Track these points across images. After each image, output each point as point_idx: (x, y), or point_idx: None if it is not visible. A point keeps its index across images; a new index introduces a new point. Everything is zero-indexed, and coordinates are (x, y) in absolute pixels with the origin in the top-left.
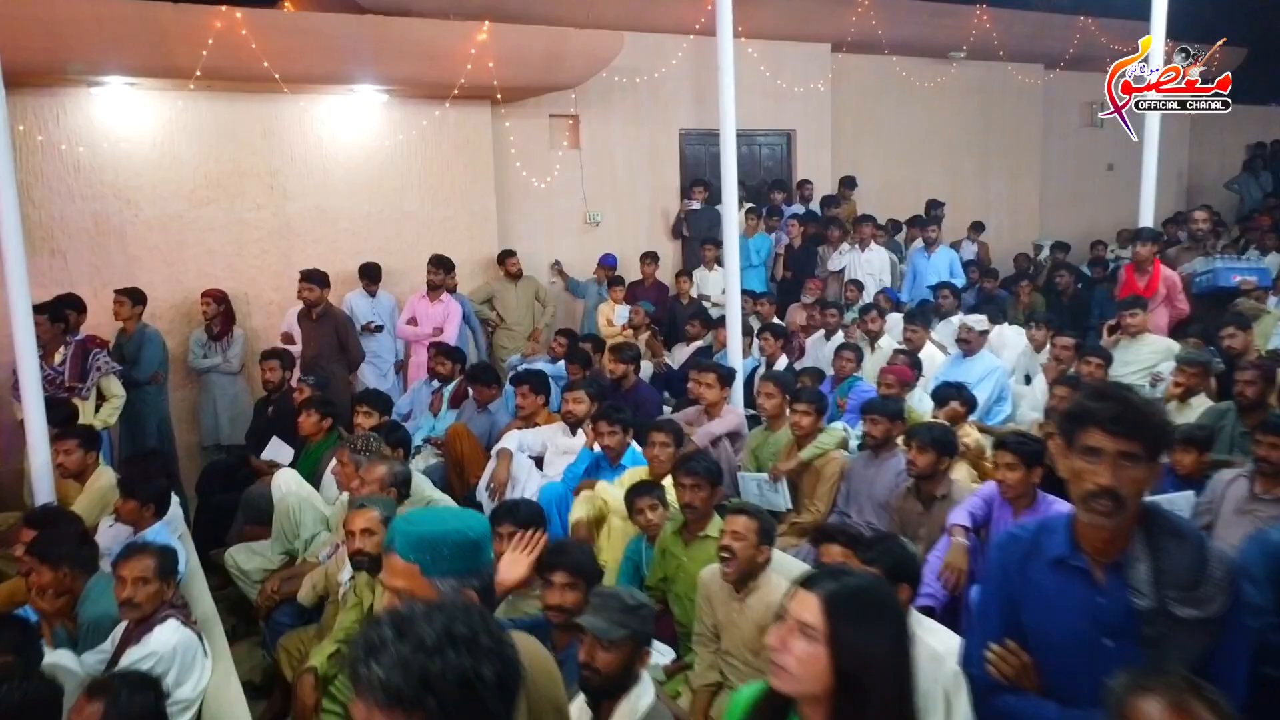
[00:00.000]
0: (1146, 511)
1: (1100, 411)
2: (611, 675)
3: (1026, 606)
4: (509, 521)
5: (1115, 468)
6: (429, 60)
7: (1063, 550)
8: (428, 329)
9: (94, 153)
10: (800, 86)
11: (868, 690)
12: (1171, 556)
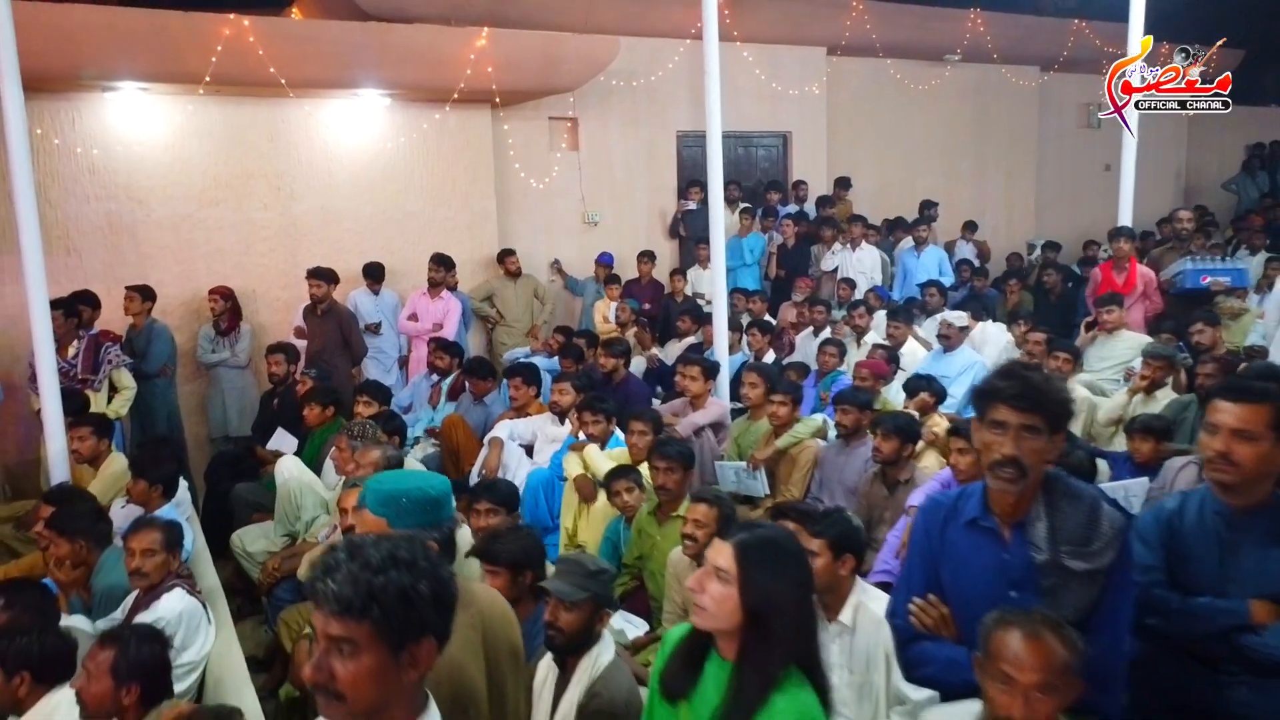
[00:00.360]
0: (1048, 478)
1: (1006, 389)
2: (573, 634)
3: (945, 564)
4: (487, 499)
5: (1018, 439)
6: (430, 65)
7: (976, 513)
8: (428, 325)
9: (108, 155)
10: (795, 89)
11: (772, 625)
12: (1067, 516)
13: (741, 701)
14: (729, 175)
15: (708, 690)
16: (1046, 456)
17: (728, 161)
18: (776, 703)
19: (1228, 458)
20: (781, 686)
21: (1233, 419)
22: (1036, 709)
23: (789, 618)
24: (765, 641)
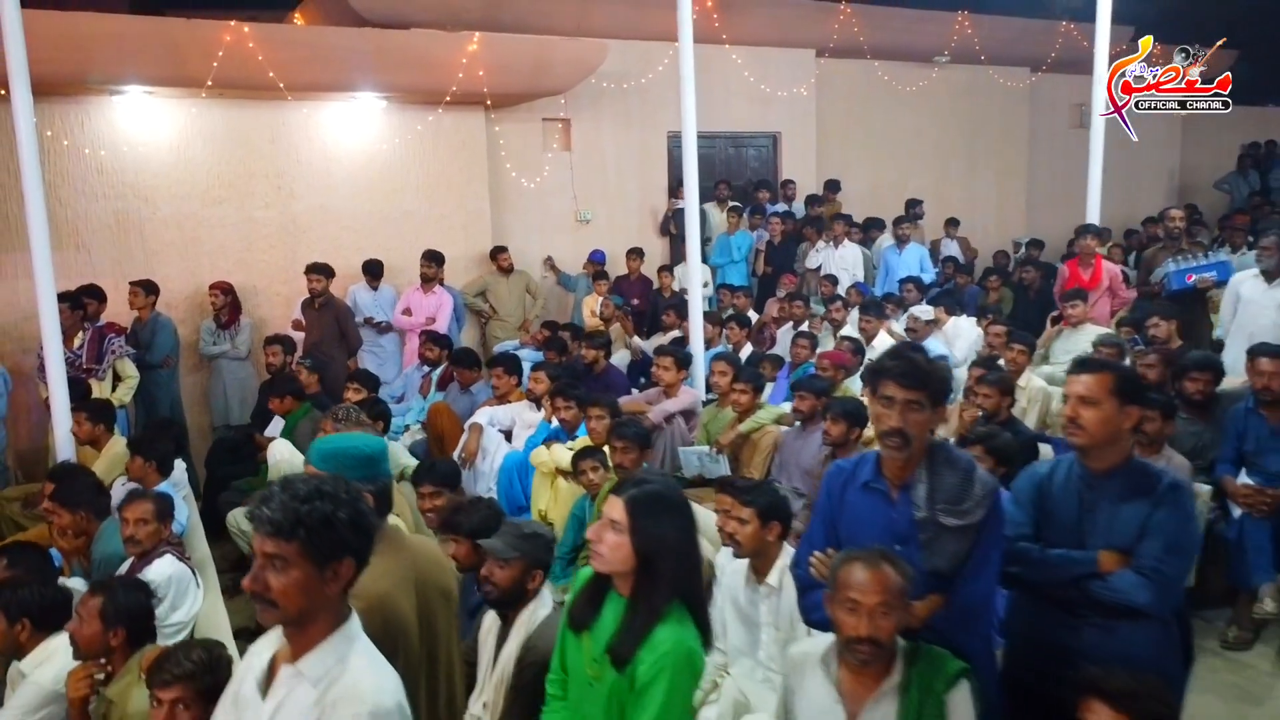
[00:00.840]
0: (932, 447)
1: (894, 368)
2: (506, 589)
3: (843, 522)
4: (429, 481)
5: (904, 413)
6: (423, 69)
7: (869, 476)
8: (421, 319)
9: (115, 156)
10: (784, 91)
11: (659, 566)
12: (944, 480)
13: (631, 631)
14: (720, 175)
15: (606, 622)
16: (928, 428)
17: (718, 161)
18: (659, 632)
19: (1076, 421)
20: (665, 620)
21: (1079, 387)
22: (879, 625)
23: (673, 560)
24: (653, 581)
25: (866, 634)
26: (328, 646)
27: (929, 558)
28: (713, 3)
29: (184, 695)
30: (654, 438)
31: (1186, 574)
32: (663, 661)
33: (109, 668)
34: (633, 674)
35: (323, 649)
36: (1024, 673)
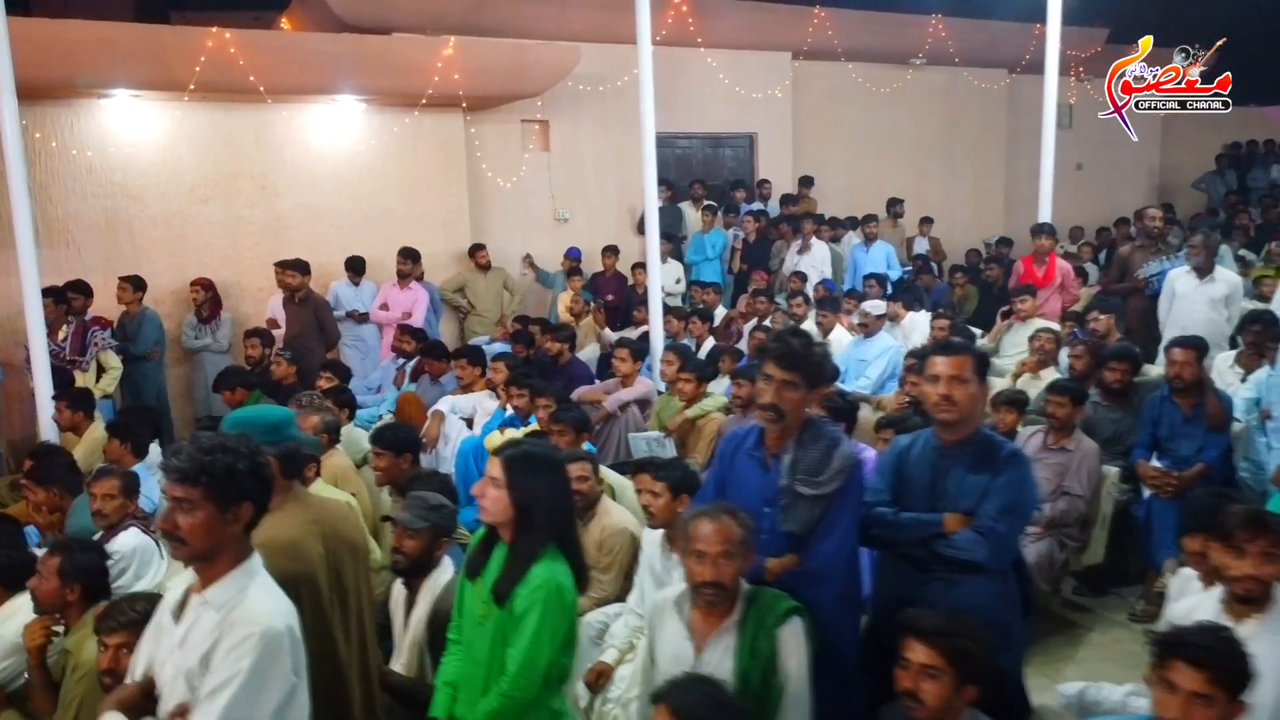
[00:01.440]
0: (808, 422)
1: (773, 350)
2: (415, 558)
3: (729, 483)
4: (377, 445)
5: (779, 391)
6: (400, 73)
7: (752, 445)
8: (398, 313)
9: (104, 156)
10: (760, 93)
11: (533, 515)
12: (808, 453)
13: (510, 571)
14: (697, 175)
15: (493, 568)
16: (802, 406)
17: (696, 162)
18: (535, 571)
19: (950, 399)
20: (540, 560)
21: (949, 369)
22: (722, 570)
23: (546, 509)
24: (528, 527)
25: (711, 579)
26: (230, 579)
27: (785, 520)
28: (688, 7)
29: (127, 641)
30: (609, 424)
31: (1020, 533)
32: (536, 594)
33: (63, 621)
34: (512, 607)
35: (226, 581)
36: (883, 627)
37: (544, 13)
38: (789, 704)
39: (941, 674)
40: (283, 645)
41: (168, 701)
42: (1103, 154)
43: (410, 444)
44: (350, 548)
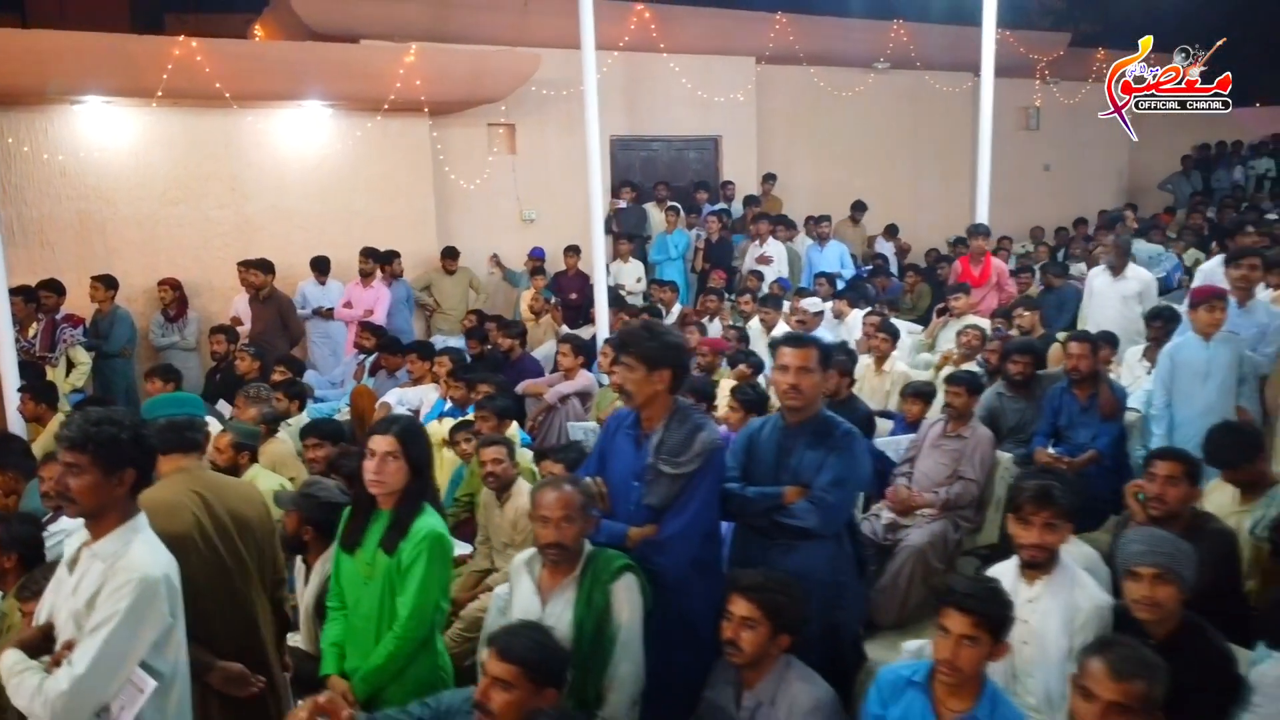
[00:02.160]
0: (679, 407)
1: (628, 341)
2: (291, 536)
3: (608, 457)
4: (313, 435)
5: (623, 372)
6: (363, 79)
7: (629, 424)
8: (360, 311)
9: (77, 160)
10: (723, 96)
11: (422, 478)
12: (673, 435)
13: (399, 525)
14: (661, 177)
15: (371, 537)
16: (657, 388)
17: (660, 164)
18: (417, 524)
19: (796, 387)
20: (421, 514)
21: (796, 359)
22: (564, 532)
23: (427, 471)
24: (417, 487)
25: (554, 540)
26: (116, 534)
27: (648, 494)
28: (650, 14)
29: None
30: (550, 415)
31: (851, 502)
32: (421, 545)
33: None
34: (399, 557)
35: (112, 536)
36: None
37: (506, 20)
38: (620, 649)
39: (758, 625)
40: (159, 591)
41: (62, 640)
42: (1071, 155)
43: (336, 435)
44: (241, 522)
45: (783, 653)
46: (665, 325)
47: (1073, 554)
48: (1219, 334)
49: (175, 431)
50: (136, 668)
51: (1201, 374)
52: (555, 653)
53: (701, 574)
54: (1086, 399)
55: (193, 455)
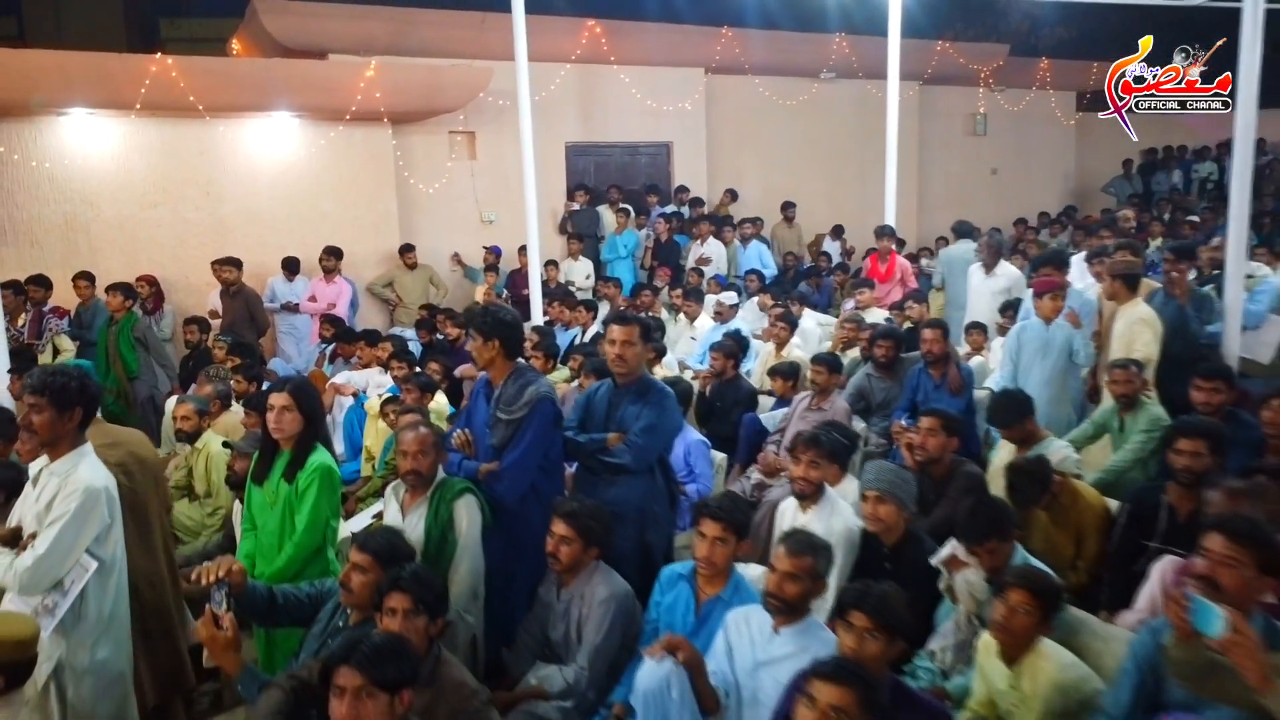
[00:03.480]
0: (515, 369)
1: (470, 320)
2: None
3: (472, 414)
4: (248, 407)
5: (476, 346)
6: (326, 92)
7: (483, 384)
8: (323, 305)
9: (62, 167)
10: (672, 105)
11: (315, 422)
12: (508, 389)
13: (296, 461)
14: (614, 181)
15: (275, 471)
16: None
17: (613, 168)
18: (311, 458)
19: (622, 358)
20: (314, 451)
21: (622, 335)
22: (419, 462)
23: (320, 418)
24: (310, 433)
25: (411, 469)
26: (68, 457)
27: (491, 437)
28: (601, 29)
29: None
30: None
31: (659, 446)
32: (314, 474)
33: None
34: (297, 485)
35: (65, 459)
36: None
37: (464, 35)
38: (460, 552)
39: (572, 541)
40: (100, 498)
41: (27, 535)
42: (1017, 159)
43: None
44: (140, 461)
45: (594, 560)
46: (503, 306)
47: (843, 490)
48: (1057, 320)
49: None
50: (83, 554)
51: (1040, 352)
52: (401, 548)
53: (539, 502)
54: (940, 378)
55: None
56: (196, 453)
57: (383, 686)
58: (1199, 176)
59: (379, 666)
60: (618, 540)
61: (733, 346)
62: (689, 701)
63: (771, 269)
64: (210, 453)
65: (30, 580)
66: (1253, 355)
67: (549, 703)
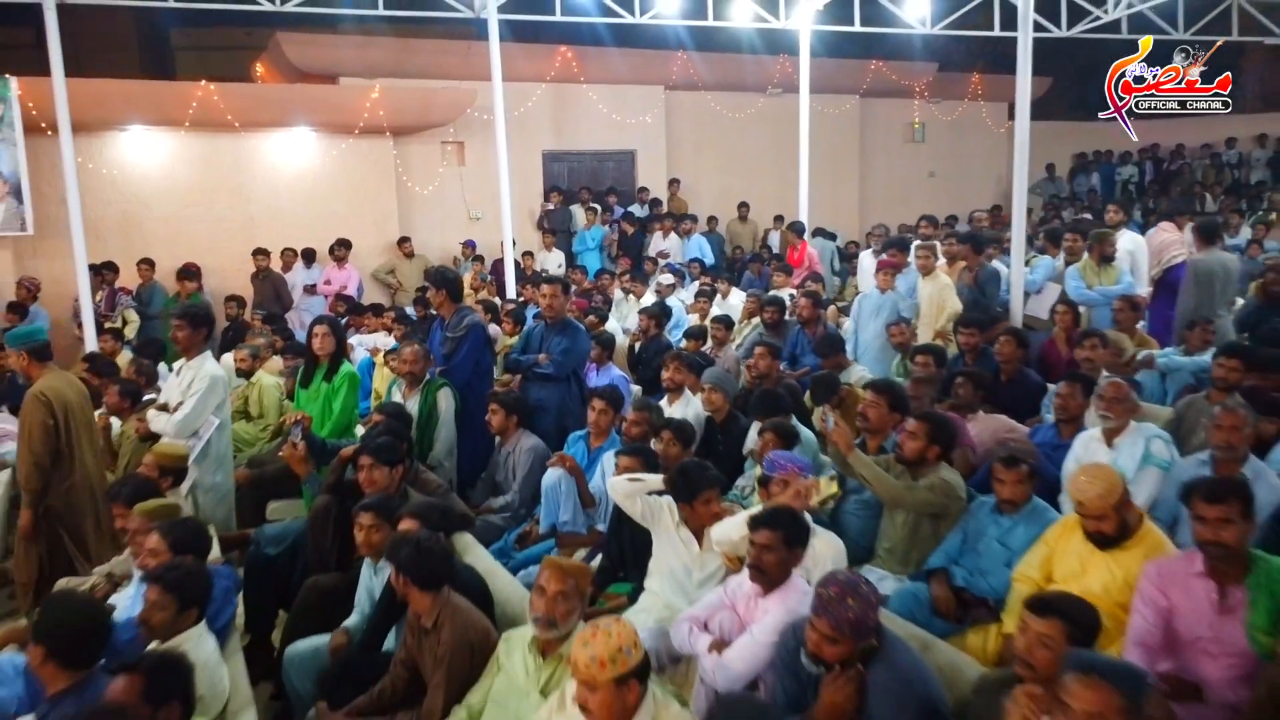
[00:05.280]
0: (457, 309)
1: (431, 276)
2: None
3: (431, 337)
4: (284, 354)
5: (435, 295)
6: (338, 111)
7: (439, 322)
8: (336, 287)
9: (123, 172)
10: (635, 118)
11: (343, 345)
12: (451, 321)
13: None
14: (584, 183)
15: (317, 377)
16: (439, 299)
17: (584, 172)
18: (343, 366)
19: (551, 307)
20: (343, 363)
21: (548, 290)
22: (415, 368)
23: (345, 342)
24: (340, 351)
25: (409, 371)
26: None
27: (446, 355)
28: (572, 54)
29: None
30: None
31: (572, 363)
32: (344, 377)
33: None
34: (333, 384)
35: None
36: None
37: (454, 60)
38: (440, 424)
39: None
40: (219, 382)
41: (173, 405)
42: (953, 163)
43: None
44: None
45: (519, 428)
46: (448, 267)
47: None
48: (890, 292)
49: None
50: (209, 414)
51: (873, 313)
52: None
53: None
54: (812, 335)
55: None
56: (251, 386)
57: (386, 463)
58: (1121, 179)
59: (383, 451)
60: (542, 423)
61: (656, 312)
62: (573, 495)
63: (710, 258)
64: (262, 385)
65: (178, 430)
66: (1035, 313)
67: (494, 514)
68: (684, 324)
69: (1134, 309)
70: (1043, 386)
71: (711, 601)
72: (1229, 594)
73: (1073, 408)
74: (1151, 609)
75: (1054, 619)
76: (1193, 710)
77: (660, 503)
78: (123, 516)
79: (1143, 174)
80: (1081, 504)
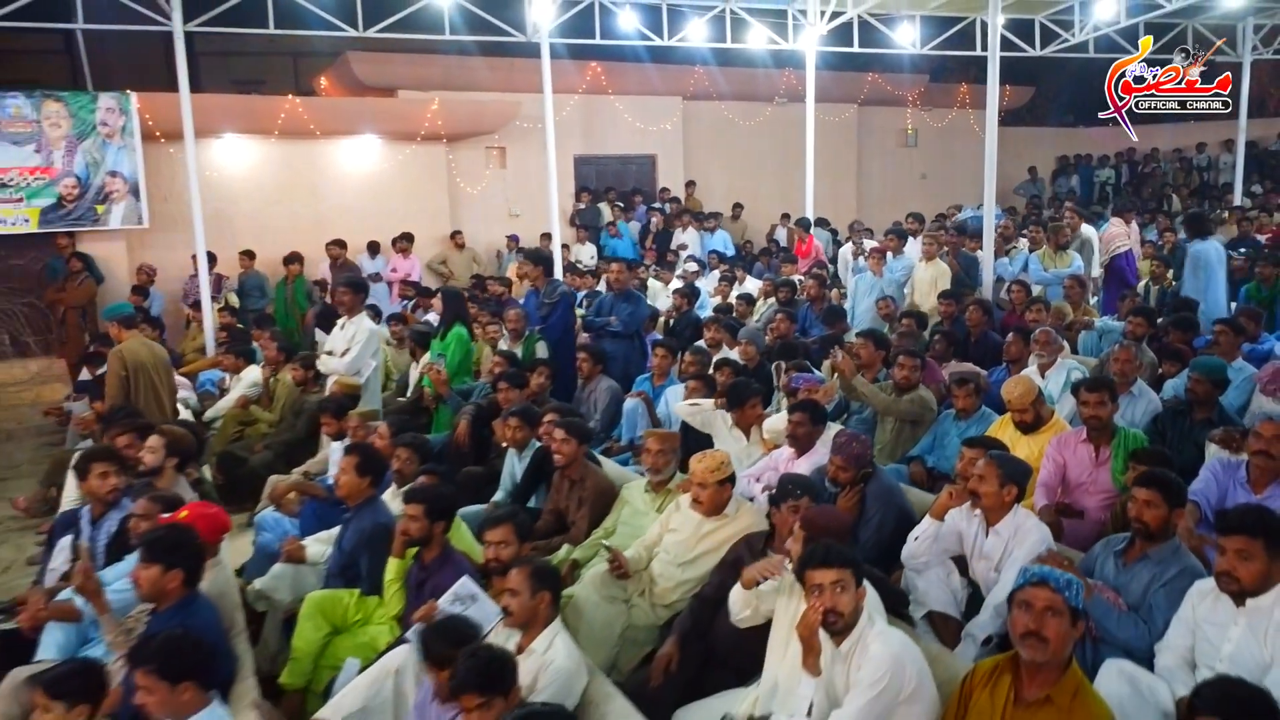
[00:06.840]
0: (549, 281)
1: (530, 254)
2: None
3: (529, 302)
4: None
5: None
6: (401, 121)
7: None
8: (402, 274)
9: (220, 174)
10: (656, 126)
11: (461, 316)
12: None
13: (445, 329)
14: (610, 184)
15: (437, 338)
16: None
17: (610, 174)
18: (455, 328)
19: (619, 279)
20: (455, 326)
21: (615, 270)
22: (516, 325)
23: (464, 315)
24: (453, 314)
25: (514, 328)
26: (357, 318)
27: (542, 316)
28: (601, 69)
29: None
30: None
31: (635, 323)
32: (454, 336)
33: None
34: (448, 340)
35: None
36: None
37: (499, 75)
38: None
39: (589, 363)
40: (375, 334)
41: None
42: (943, 166)
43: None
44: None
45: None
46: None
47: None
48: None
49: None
50: (369, 358)
51: (867, 292)
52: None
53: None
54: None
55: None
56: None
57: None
58: (1099, 180)
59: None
60: (612, 370)
61: (688, 292)
62: (645, 417)
63: (730, 250)
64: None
65: (346, 369)
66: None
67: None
68: (707, 306)
69: (1080, 286)
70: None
71: (761, 464)
72: (1100, 452)
73: (1013, 352)
74: (1053, 464)
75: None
76: (1077, 525)
77: (715, 415)
78: (330, 424)
79: (1119, 176)
80: (1010, 402)
